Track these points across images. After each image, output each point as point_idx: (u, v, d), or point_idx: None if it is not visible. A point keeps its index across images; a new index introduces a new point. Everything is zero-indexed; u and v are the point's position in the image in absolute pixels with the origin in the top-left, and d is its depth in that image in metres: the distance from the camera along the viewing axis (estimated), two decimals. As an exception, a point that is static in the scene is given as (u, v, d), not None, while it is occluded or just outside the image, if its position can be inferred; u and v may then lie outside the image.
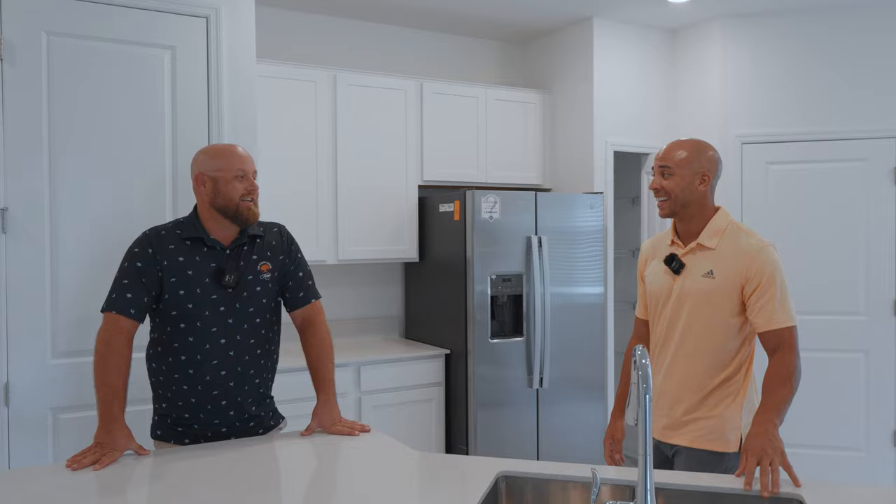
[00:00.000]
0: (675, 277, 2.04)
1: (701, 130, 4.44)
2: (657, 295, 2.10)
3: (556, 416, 3.90)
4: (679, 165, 2.00)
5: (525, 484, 1.73)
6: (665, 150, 2.06)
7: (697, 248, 2.02)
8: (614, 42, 4.38)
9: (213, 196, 2.07)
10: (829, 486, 1.63)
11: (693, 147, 2.02)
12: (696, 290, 1.99)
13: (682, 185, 2.00)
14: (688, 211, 2.03)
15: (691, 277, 2.01)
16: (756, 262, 1.93)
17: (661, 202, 2.04)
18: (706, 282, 1.98)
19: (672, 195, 2.01)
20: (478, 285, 3.68)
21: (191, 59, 2.91)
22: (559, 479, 1.71)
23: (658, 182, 2.03)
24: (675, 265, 2.04)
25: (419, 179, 4.09)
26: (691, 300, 2.00)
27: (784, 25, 4.24)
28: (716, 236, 2.00)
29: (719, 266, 1.97)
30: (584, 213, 4.00)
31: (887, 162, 4.12)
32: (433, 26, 4.45)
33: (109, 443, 1.86)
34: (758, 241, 1.97)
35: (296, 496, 1.60)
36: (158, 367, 2.11)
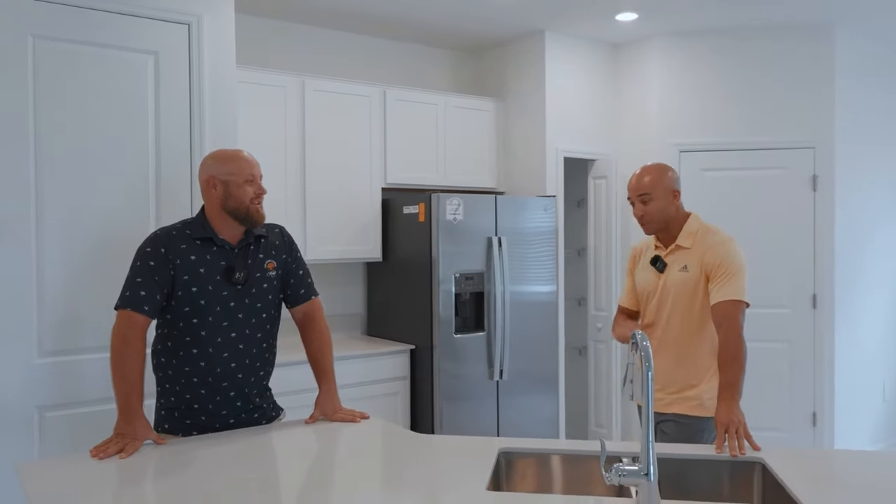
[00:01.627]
0: (660, 275, 2.42)
1: (642, 139, 4.78)
2: (646, 290, 2.46)
3: (514, 408, 4.14)
4: (655, 190, 2.36)
5: (525, 458, 1.94)
6: (638, 180, 2.39)
7: (676, 248, 2.40)
8: (564, 55, 4.66)
9: (224, 199, 2.19)
10: (784, 451, 1.92)
11: (659, 171, 2.39)
12: (676, 283, 2.36)
13: (660, 207, 2.37)
14: (668, 223, 2.41)
15: (672, 273, 2.38)
16: (716, 253, 2.30)
17: (646, 224, 2.40)
18: (682, 275, 2.36)
19: (655, 217, 2.38)
20: (443, 283, 3.87)
21: (173, 64, 2.98)
22: (556, 453, 1.93)
23: (641, 210, 2.39)
24: (658, 264, 2.42)
25: (383, 182, 4.25)
26: (673, 292, 2.37)
27: (716, 43, 4.62)
28: (690, 237, 2.38)
29: (691, 261, 2.35)
30: (538, 215, 4.25)
31: (806, 170, 4.56)
32: (395, 35, 4.62)
33: (130, 433, 1.96)
34: (720, 237, 2.36)
35: (323, 476, 1.75)
36: (168, 361, 2.21)
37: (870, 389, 4.89)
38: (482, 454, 1.89)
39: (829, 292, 4.54)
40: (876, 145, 4.89)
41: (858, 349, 4.76)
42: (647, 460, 1.50)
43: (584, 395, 5.04)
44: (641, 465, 1.50)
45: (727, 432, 1.95)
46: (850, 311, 4.70)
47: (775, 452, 1.90)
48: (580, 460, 1.94)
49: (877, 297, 4.92)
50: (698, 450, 1.93)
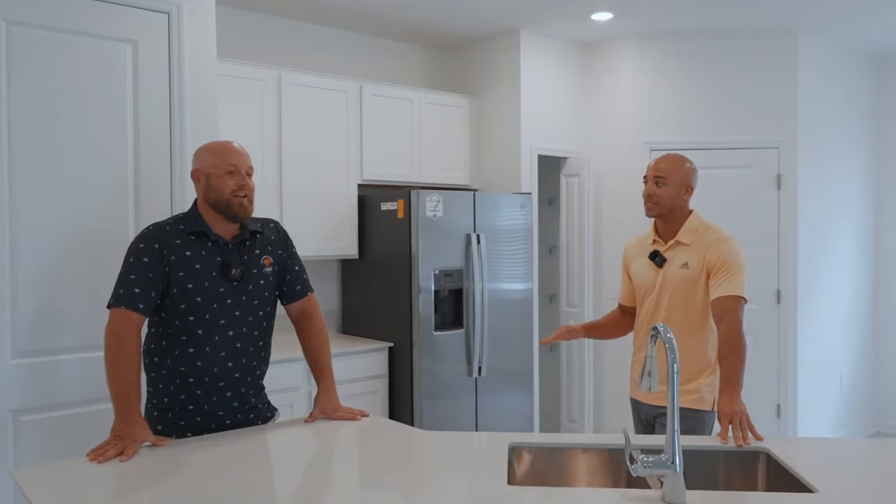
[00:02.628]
0: (658, 270, 2.43)
1: (614, 137, 4.85)
2: (644, 285, 2.48)
3: (492, 405, 4.14)
4: (672, 176, 2.37)
5: (535, 453, 1.94)
6: (659, 162, 2.42)
7: (676, 244, 2.41)
8: (538, 53, 4.69)
9: (206, 191, 2.13)
10: (786, 440, 1.97)
11: (679, 161, 2.41)
12: (676, 278, 2.38)
13: (671, 194, 2.38)
14: (672, 214, 2.41)
15: (671, 269, 2.40)
16: (717, 251, 2.33)
17: (652, 206, 2.40)
18: (682, 272, 2.38)
19: (662, 201, 2.38)
20: (423, 280, 3.85)
21: (153, 54, 2.89)
22: (566, 447, 1.94)
23: (652, 189, 2.39)
24: (658, 259, 2.43)
25: (359, 178, 4.21)
26: (672, 287, 2.39)
27: (686, 45, 4.72)
28: (690, 234, 2.40)
29: (692, 258, 2.36)
30: (515, 213, 4.27)
31: (771, 169, 4.70)
32: (370, 31, 4.58)
33: (129, 435, 1.89)
34: (722, 234, 2.39)
35: (338, 476, 1.72)
36: (162, 360, 2.13)
37: (829, 381, 5.07)
38: (492, 449, 1.89)
39: (792, 288, 4.69)
40: (836, 146, 5.07)
41: (818, 343, 4.93)
42: (674, 452, 1.51)
43: (555, 390, 5.09)
44: (667, 456, 1.52)
45: (731, 423, 1.98)
46: (812, 307, 4.86)
47: (779, 441, 1.95)
48: (588, 453, 1.95)
49: (836, 292, 5.10)
50: (704, 441, 1.97)
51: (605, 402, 4.92)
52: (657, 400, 2.41)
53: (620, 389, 4.82)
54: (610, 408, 4.88)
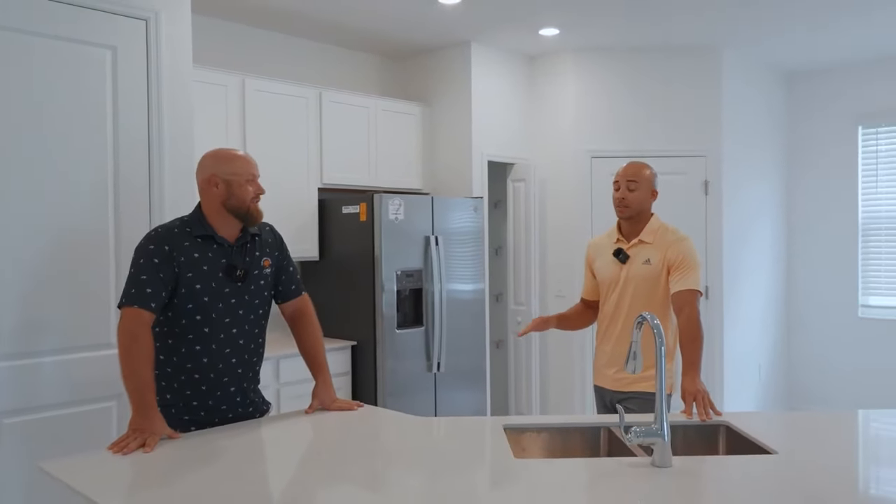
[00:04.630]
0: (622, 266, 2.66)
1: (558, 145, 5.14)
2: (607, 280, 2.71)
3: (450, 399, 4.34)
4: (642, 181, 2.63)
5: (525, 433, 2.15)
6: (629, 169, 2.66)
7: (639, 243, 2.65)
8: (489, 65, 4.93)
9: (226, 197, 2.23)
10: (745, 414, 2.25)
11: (647, 168, 2.67)
12: (639, 274, 2.62)
13: (641, 198, 2.64)
14: (639, 216, 2.67)
15: (635, 265, 2.64)
16: (676, 249, 2.60)
17: (625, 209, 2.64)
18: (645, 268, 2.61)
19: (634, 204, 2.63)
20: (386, 281, 4.01)
21: (131, 59, 2.94)
22: (555, 427, 2.16)
23: (625, 193, 2.63)
24: (621, 256, 2.66)
25: (319, 183, 4.32)
26: (635, 282, 2.63)
27: (623, 59, 5.07)
28: (652, 234, 2.65)
29: (654, 255, 2.62)
30: (469, 216, 4.49)
31: (699, 176, 5.11)
32: (327, 39, 4.70)
33: (148, 427, 1.97)
34: (680, 235, 2.66)
35: (355, 461, 1.87)
36: (167, 358, 2.22)
37: (749, 371, 5.53)
38: (488, 431, 2.08)
39: (718, 285, 5.11)
40: (754, 153, 5.54)
41: (741, 335, 5.38)
42: (661, 423, 1.75)
43: (503, 384, 5.33)
44: (656, 426, 1.76)
45: (694, 401, 2.25)
46: (735, 302, 5.31)
47: (737, 415, 2.24)
48: (572, 432, 2.17)
49: (754, 289, 5.57)
50: (673, 417, 2.23)
51: (550, 394, 5.20)
52: (624, 387, 2.64)
53: (565, 382, 5.12)
54: (555, 399, 5.17)
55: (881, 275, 5.60)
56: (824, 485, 1.62)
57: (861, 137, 5.65)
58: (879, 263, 5.60)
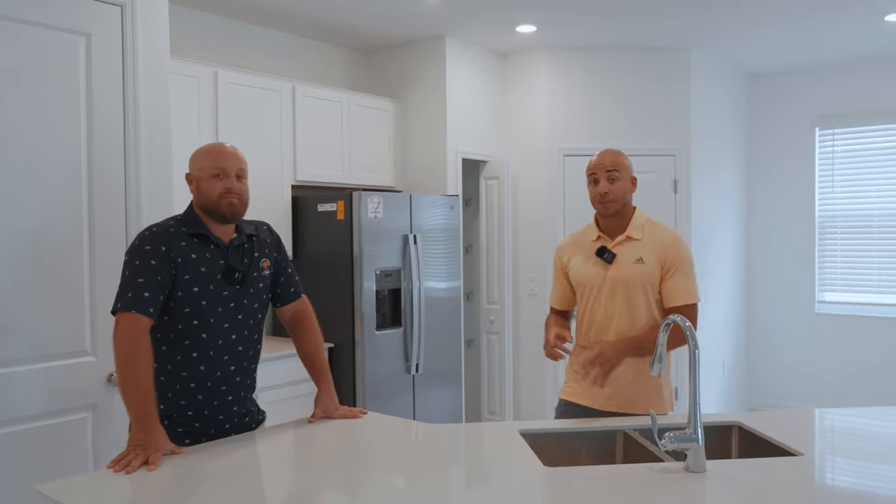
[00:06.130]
0: (608, 267, 2.36)
1: (530, 143, 5.12)
2: (588, 283, 2.39)
3: (428, 400, 4.27)
4: (623, 170, 2.35)
5: (545, 438, 2.10)
6: (606, 158, 2.36)
7: (627, 240, 2.36)
8: (463, 60, 4.87)
9: (196, 195, 2.12)
10: (752, 413, 2.25)
11: (623, 155, 2.39)
12: (630, 274, 2.33)
13: (624, 189, 2.36)
14: (623, 209, 2.38)
15: (624, 264, 2.34)
16: (674, 249, 2.34)
17: (609, 203, 2.34)
18: (638, 267, 2.33)
19: (618, 197, 2.34)
20: (365, 281, 3.90)
21: (106, 47, 2.76)
22: (569, 432, 2.11)
23: (607, 186, 2.34)
24: (606, 256, 2.35)
25: (293, 180, 4.18)
26: (625, 282, 2.33)
27: (597, 59, 5.08)
28: (639, 229, 2.37)
29: (646, 253, 2.33)
30: (445, 214, 4.42)
31: (669, 175, 5.16)
32: (300, 31, 4.55)
33: (152, 443, 1.84)
34: (675, 232, 2.39)
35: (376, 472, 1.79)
36: (161, 366, 2.08)
37: (714, 366, 5.64)
38: (507, 437, 2.02)
39: (687, 282, 5.17)
40: (719, 153, 5.64)
41: (707, 332, 5.48)
42: (696, 426, 1.73)
43: (476, 384, 5.29)
44: (690, 430, 1.73)
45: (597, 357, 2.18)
46: (702, 300, 5.38)
47: (747, 415, 2.24)
48: (587, 436, 2.14)
49: (719, 286, 5.68)
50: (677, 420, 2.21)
51: (522, 395, 5.18)
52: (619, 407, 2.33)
53: (538, 383, 5.11)
54: (528, 400, 5.15)
55: (836, 271, 5.79)
56: (862, 486, 1.62)
57: (818, 139, 5.82)
58: (835, 260, 5.79)
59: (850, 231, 5.71)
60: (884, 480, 1.66)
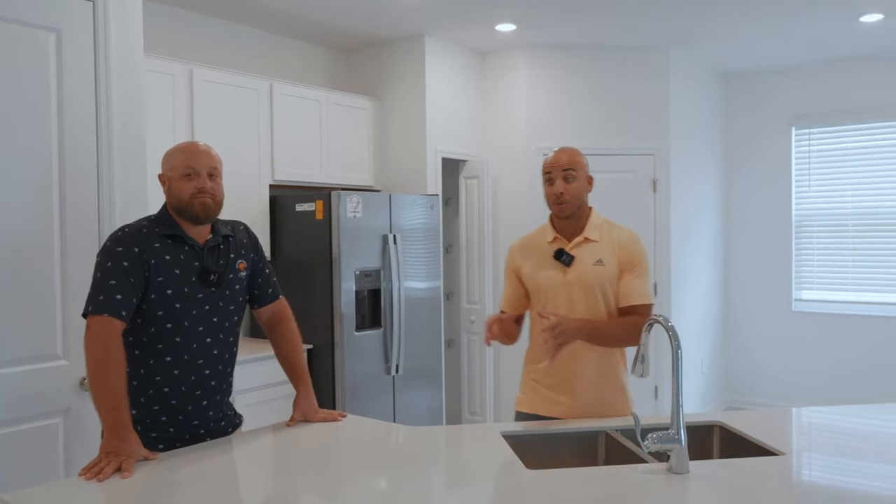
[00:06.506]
0: (566, 269, 2.27)
1: (509, 142, 5.10)
2: (545, 287, 2.30)
3: (408, 401, 4.23)
4: (580, 169, 2.27)
5: (527, 439, 2.08)
6: (562, 156, 2.29)
7: (585, 241, 2.29)
8: (442, 59, 4.84)
9: (169, 195, 2.08)
10: (732, 413, 2.25)
11: (579, 153, 2.32)
12: (590, 276, 2.25)
13: (580, 188, 2.28)
14: (580, 210, 2.30)
15: (583, 266, 2.26)
16: (632, 249, 2.29)
17: (565, 204, 2.26)
18: (598, 269, 2.26)
19: (575, 198, 2.26)
20: (344, 281, 3.86)
21: (78, 44, 2.69)
22: (554, 433, 2.09)
23: (563, 187, 2.25)
24: (564, 258, 2.27)
25: (270, 179, 4.12)
26: (585, 286, 2.25)
27: (577, 58, 5.08)
28: (597, 230, 2.30)
29: (605, 255, 2.27)
30: (425, 213, 4.39)
31: (648, 174, 5.18)
32: (277, 29, 4.50)
33: (125, 450, 1.78)
34: (632, 233, 2.34)
35: (358, 477, 1.75)
36: (134, 370, 2.03)
37: (693, 365, 5.67)
38: (488, 439, 2.00)
39: (667, 282, 5.20)
40: (697, 152, 5.67)
41: (686, 330, 5.50)
42: (678, 428, 1.71)
43: (456, 385, 5.26)
44: (673, 431, 1.72)
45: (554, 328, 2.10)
46: (681, 298, 5.42)
47: (728, 414, 2.23)
48: (569, 437, 2.12)
49: (697, 285, 5.71)
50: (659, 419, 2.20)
51: (503, 395, 5.16)
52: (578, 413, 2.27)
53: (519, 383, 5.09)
54: (508, 401, 5.14)
55: (813, 269, 5.85)
56: (842, 483, 1.62)
57: (794, 138, 5.88)
58: (811, 259, 5.85)
59: (825, 230, 5.77)
60: (863, 477, 1.66)
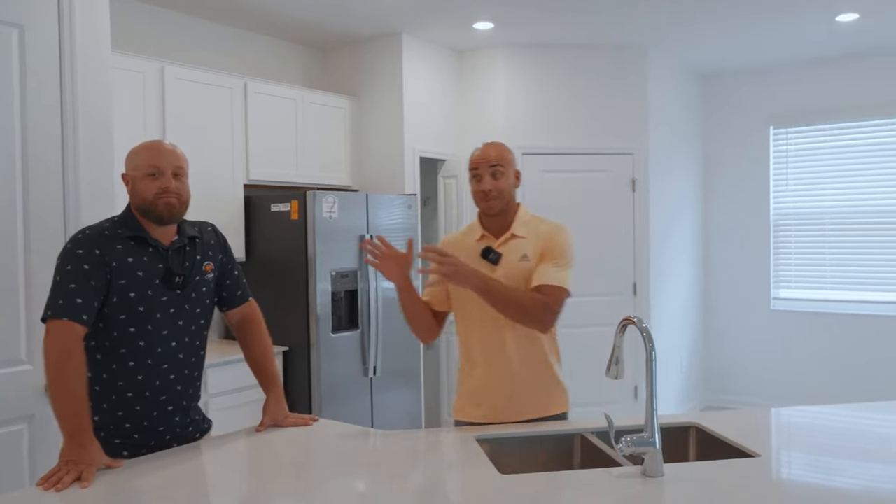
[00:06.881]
0: (493, 267, 2.20)
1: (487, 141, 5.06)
2: None
3: (386, 403, 4.19)
4: (507, 165, 2.21)
5: (502, 443, 2.05)
6: (490, 151, 2.22)
7: (512, 237, 2.22)
8: (420, 58, 4.80)
9: (132, 195, 2.02)
10: (709, 413, 2.23)
11: (507, 148, 2.26)
12: (516, 273, 2.18)
13: (508, 184, 2.22)
14: (507, 206, 2.23)
15: (510, 264, 2.19)
16: (550, 239, 2.21)
17: (493, 201, 2.19)
18: (523, 265, 2.19)
19: (503, 194, 2.19)
20: (320, 282, 3.81)
21: (41, 39, 2.62)
22: (529, 437, 2.06)
23: (491, 183, 2.18)
24: (492, 256, 2.20)
25: (245, 179, 4.06)
26: (512, 284, 2.16)
27: (555, 57, 5.06)
28: (524, 227, 2.24)
29: (530, 250, 2.20)
30: (403, 213, 4.35)
31: (627, 174, 5.17)
32: (252, 26, 4.43)
33: (85, 458, 1.73)
34: (553, 224, 2.26)
35: (332, 482, 1.71)
36: (96, 375, 1.97)
37: (673, 364, 5.67)
38: (462, 444, 1.96)
39: (645, 281, 5.19)
40: (676, 151, 5.68)
41: (665, 330, 5.51)
42: (653, 431, 1.69)
43: (435, 386, 5.22)
44: (647, 434, 1.69)
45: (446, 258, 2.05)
46: (660, 297, 5.42)
47: (706, 415, 2.21)
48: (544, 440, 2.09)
49: (676, 283, 5.72)
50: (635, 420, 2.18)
51: (482, 394, 5.12)
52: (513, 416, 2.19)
53: (498, 381, 5.05)
54: (488, 399, 5.10)
55: (791, 268, 5.88)
56: (817, 484, 1.60)
57: (772, 137, 5.90)
58: (789, 257, 5.88)
59: (803, 228, 5.80)
60: (840, 476, 1.65)
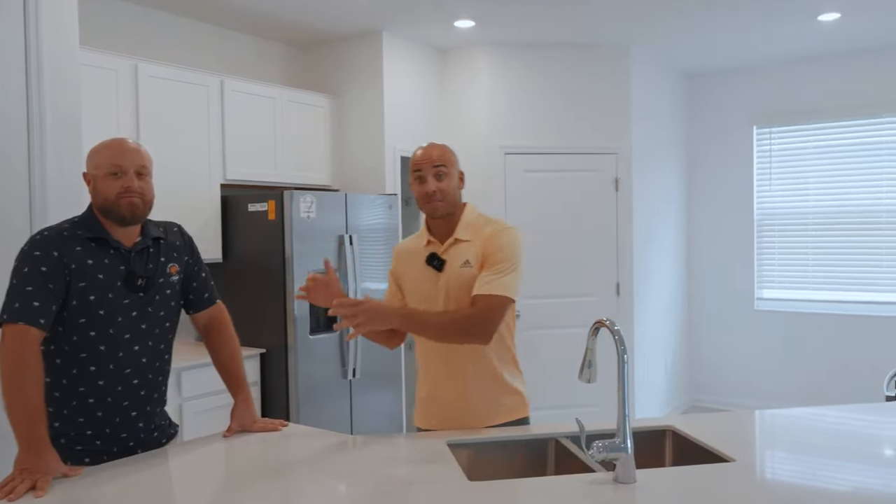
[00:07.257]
0: (438, 274, 2.11)
1: (470, 140, 5.03)
2: (422, 295, 2.15)
3: (366, 406, 4.14)
4: (451, 165, 2.12)
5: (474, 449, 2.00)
6: (432, 152, 2.12)
7: (455, 242, 2.12)
8: (401, 56, 4.75)
9: (94, 195, 1.97)
10: (687, 416, 2.20)
11: (448, 149, 2.16)
12: (459, 281, 2.09)
13: (452, 185, 2.12)
14: (454, 209, 2.14)
15: (452, 270, 2.10)
16: (493, 241, 2.08)
17: (438, 203, 2.10)
18: (465, 271, 2.09)
19: (448, 196, 2.10)
20: (298, 283, 3.75)
21: (5, 33, 2.56)
22: (502, 441, 2.02)
23: (435, 184, 2.08)
24: (436, 263, 2.11)
25: (222, 178, 4.00)
26: (458, 291, 2.09)
27: (538, 56, 5.02)
28: (469, 229, 2.13)
29: (472, 255, 2.10)
30: (383, 213, 4.29)
31: (611, 173, 5.14)
32: (229, 24, 4.36)
33: (41, 467, 1.67)
34: (500, 225, 2.13)
35: (299, 490, 1.66)
36: (56, 381, 1.92)
37: (657, 365, 5.65)
38: (433, 449, 1.92)
39: (629, 281, 5.17)
40: (660, 151, 5.65)
41: (649, 331, 5.49)
42: (625, 436, 1.65)
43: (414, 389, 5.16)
44: (619, 440, 1.65)
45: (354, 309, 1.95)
46: (644, 297, 5.40)
47: (682, 418, 2.18)
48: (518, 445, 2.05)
49: (660, 283, 5.70)
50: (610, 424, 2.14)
51: (465, 395, 5.08)
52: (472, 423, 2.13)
53: (481, 382, 5.01)
54: (470, 401, 5.06)
55: (774, 268, 5.87)
56: (792, 489, 1.57)
57: (756, 137, 5.90)
58: (772, 257, 5.87)
59: (787, 228, 5.79)
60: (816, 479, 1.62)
